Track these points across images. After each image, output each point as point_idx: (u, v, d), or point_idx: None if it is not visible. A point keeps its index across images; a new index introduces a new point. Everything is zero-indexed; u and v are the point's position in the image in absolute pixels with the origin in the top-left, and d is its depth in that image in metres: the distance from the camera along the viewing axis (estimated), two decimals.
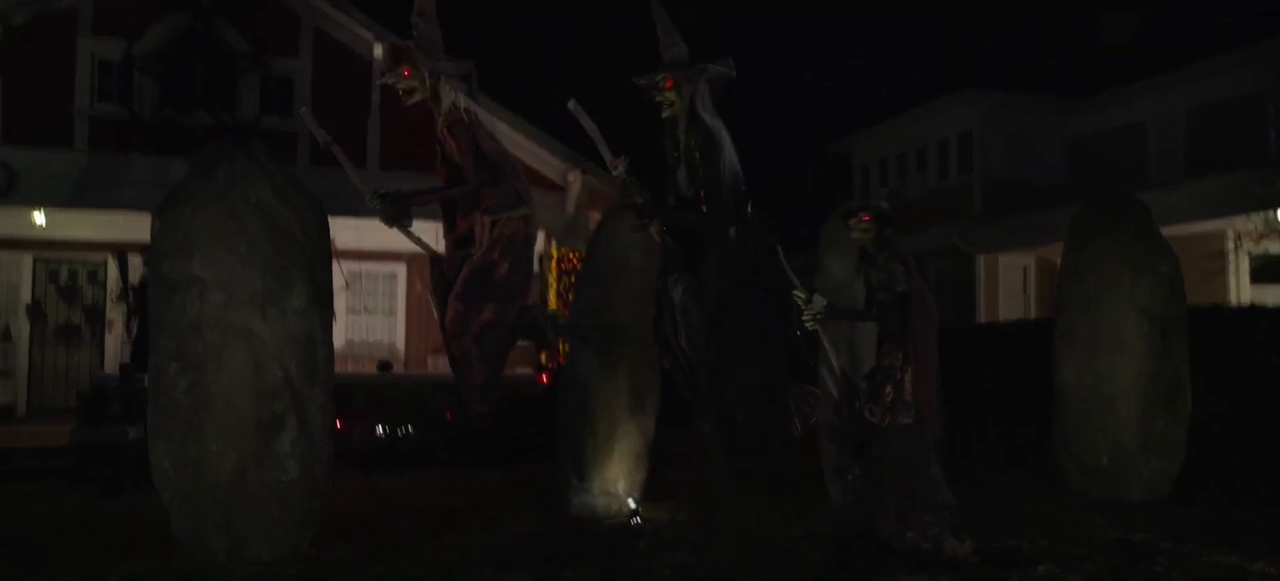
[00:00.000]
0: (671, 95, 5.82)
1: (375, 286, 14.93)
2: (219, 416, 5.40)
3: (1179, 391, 7.77)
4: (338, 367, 6.53)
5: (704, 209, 5.82)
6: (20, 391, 13.97)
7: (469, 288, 5.61)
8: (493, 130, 6.18)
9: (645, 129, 6.52)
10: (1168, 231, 8.42)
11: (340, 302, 9.36)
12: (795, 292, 5.85)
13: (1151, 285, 7.78)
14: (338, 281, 6.59)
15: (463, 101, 5.66)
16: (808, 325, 5.89)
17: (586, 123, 5.68)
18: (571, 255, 13.45)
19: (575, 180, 14.13)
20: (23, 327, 14.01)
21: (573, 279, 12.56)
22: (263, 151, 5.79)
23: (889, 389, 5.79)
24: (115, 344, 13.96)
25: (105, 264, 13.99)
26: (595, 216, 13.19)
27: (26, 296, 14.08)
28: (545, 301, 13.10)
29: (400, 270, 14.82)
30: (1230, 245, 13.16)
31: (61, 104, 13.33)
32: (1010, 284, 17.34)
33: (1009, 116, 17.94)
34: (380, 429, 10.94)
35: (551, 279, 13.65)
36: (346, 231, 10.66)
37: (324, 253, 5.90)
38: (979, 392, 10.36)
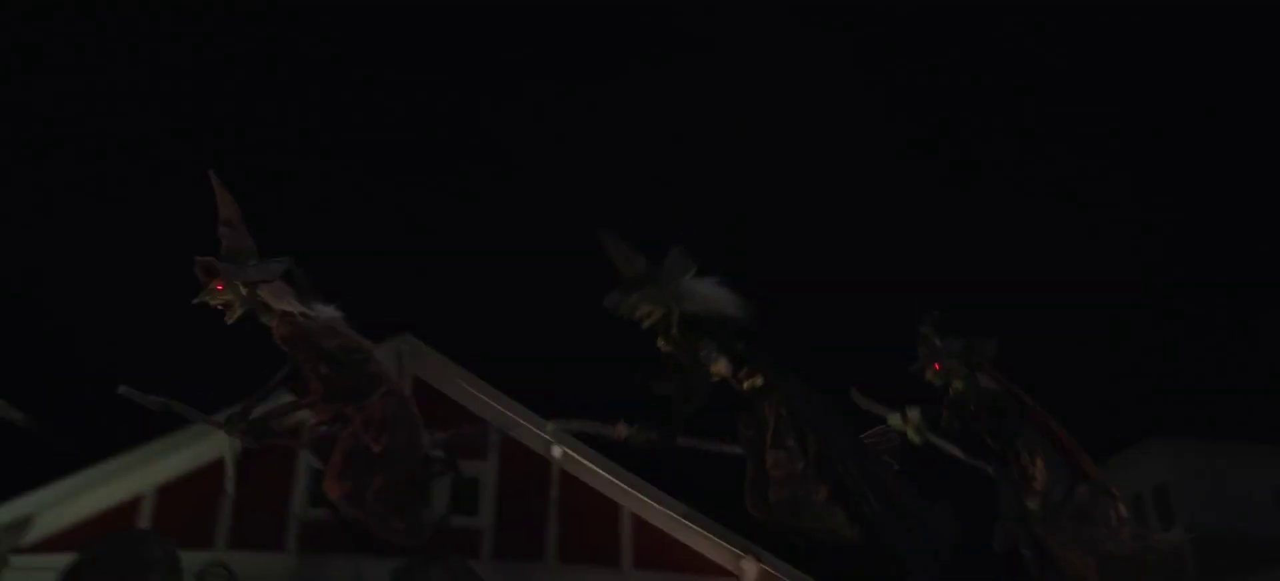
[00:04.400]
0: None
1: None
2: None
3: None
4: None
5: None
6: None
7: (351, 465, 5.34)
8: (332, 322, 5.62)
9: None
10: None
11: None
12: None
13: None
14: None
15: (294, 307, 5.26)
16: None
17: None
18: None
19: (750, 569, 12.92)
20: None
21: None
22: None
23: None
24: None
25: None
26: None
27: None
28: None
29: None
30: None
31: (278, 509, 13.98)
32: None
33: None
34: None
35: None
36: None
37: None
38: None
